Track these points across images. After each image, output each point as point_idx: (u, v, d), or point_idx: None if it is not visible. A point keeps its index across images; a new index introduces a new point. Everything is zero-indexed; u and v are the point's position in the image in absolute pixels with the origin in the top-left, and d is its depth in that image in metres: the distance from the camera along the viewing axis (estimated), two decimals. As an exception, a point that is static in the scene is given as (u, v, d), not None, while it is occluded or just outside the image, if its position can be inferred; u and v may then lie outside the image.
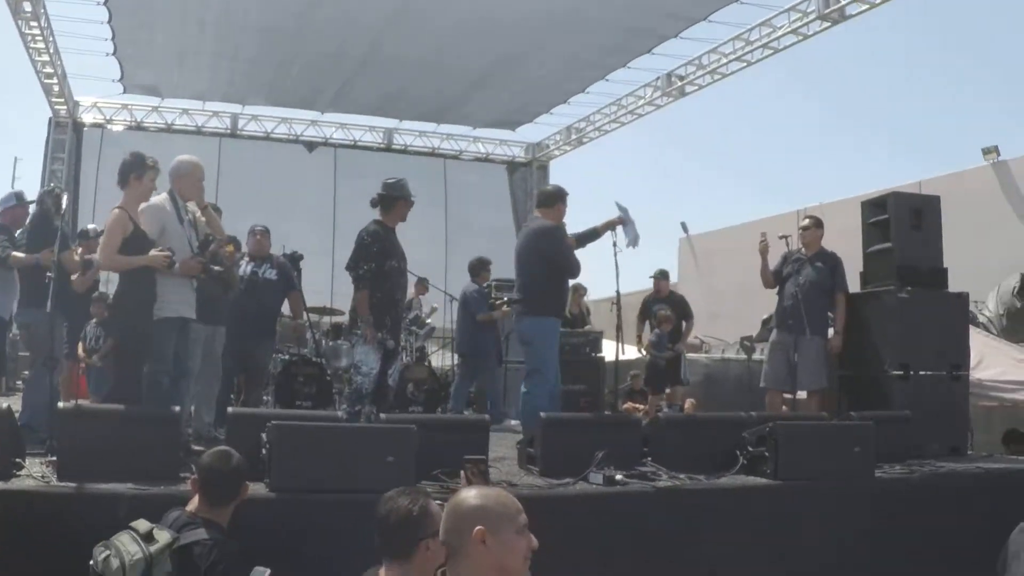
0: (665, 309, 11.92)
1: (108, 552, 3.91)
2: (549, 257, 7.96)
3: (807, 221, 9.30)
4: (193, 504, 4.32)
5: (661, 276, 12.16)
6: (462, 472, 5.14)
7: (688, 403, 13.35)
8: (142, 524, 4.03)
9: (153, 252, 6.27)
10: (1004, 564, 3.41)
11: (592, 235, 8.28)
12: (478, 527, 2.80)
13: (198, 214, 7.12)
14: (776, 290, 9.27)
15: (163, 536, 3.97)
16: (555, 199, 8.28)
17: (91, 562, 3.94)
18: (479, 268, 11.53)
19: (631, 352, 12.46)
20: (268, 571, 4.09)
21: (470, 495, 2.93)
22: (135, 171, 6.45)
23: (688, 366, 13.16)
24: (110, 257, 6.27)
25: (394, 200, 7.87)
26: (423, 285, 13.47)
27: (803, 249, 9.14)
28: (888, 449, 7.11)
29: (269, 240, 9.39)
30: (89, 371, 10.92)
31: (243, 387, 9.29)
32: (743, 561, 5.77)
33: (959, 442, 8.34)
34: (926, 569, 6.35)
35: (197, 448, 5.97)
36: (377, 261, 7.64)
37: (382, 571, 3.57)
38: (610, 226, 8.15)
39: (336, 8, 14.25)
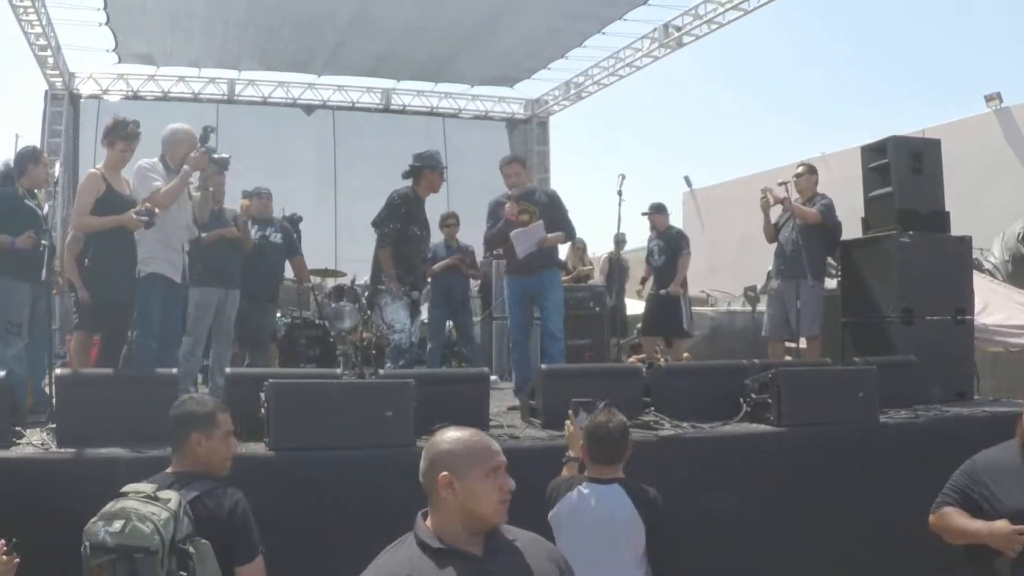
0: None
1: (123, 521, 3.47)
2: None
3: (800, 169, 9.32)
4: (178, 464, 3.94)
5: (655, 211, 11.40)
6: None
7: (684, 355, 13.25)
8: (138, 486, 3.66)
9: (132, 212, 6.17)
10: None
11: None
12: (443, 473, 2.75)
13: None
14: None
15: (171, 495, 3.60)
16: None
17: (86, 542, 3.51)
18: None
19: (639, 306, 12.39)
20: None
21: (443, 439, 2.85)
22: (127, 141, 6.42)
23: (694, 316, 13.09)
24: (82, 218, 6.17)
25: (418, 170, 8.03)
26: None
27: (799, 197, 9.09)
28: (893, 394, 7.08)
29: (272, 203, 9.38)
30: None
31: (244, 352, 9.27)
32: (747, 508, 5.76)
33: (965, 387, 8.29)
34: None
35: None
36: (403, 223, 7.83)
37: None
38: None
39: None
